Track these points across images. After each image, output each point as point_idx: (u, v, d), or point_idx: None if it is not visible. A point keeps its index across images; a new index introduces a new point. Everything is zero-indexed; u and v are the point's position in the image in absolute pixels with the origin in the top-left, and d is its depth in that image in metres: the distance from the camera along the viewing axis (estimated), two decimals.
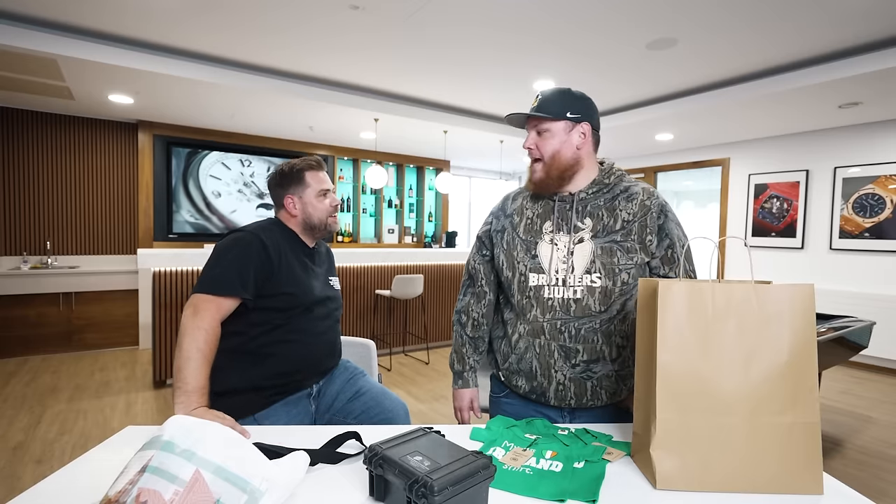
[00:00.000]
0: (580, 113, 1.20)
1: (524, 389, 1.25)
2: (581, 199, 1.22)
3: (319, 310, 1.49)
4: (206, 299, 1.29)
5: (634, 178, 1.28)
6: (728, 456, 0.86)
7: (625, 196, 1.21)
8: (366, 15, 2.90)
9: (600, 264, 1.16)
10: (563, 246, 1.19)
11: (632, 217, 1.19)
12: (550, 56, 3.48)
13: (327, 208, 1.55)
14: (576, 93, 1.22)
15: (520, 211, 1.29)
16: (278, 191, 1.55)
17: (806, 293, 0.88)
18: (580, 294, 1.16)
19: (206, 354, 1.21)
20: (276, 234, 1.47)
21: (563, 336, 1.17)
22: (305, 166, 1.55)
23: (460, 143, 5.99)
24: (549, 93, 1.22)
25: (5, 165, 4.54)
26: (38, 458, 2.49)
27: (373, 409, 1.50)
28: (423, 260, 5.01)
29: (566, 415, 1.23)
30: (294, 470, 0.80)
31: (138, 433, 1.05)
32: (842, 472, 2.53)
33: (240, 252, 1.37)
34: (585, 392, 1.19)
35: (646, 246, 1.17)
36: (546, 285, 1.18)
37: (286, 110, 4.59)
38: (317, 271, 1.56)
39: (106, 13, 2.95)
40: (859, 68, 3.26)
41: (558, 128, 1.20)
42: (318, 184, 1.54)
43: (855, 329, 2.70)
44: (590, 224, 1.20)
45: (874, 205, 4.49)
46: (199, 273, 3.74)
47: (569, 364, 1.17)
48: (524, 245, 1.24)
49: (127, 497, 0.64)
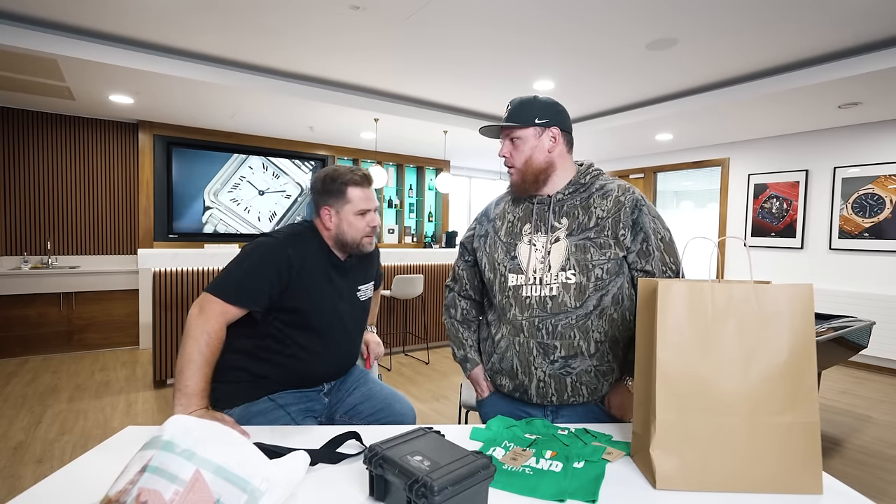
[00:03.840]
0: (548, 118, 1.25)
1: (508, 388, 1.29)
2: (558, 200, 1.26)
3: (329, 328, 1.44)
4: (215, 301, 1.26)
5: (611, 176, 1.30)
6: (727, 456, 0.86)
7: (600, 193, 1.25)
8: (366, 15, 2.90)
9: (574, 261, 1.19)
10: (541, 246, 1.23)
11: (605, 213, 1.21)
12: (550, 56, 3.48)
13: (363, 228, 1.45)
14: (543, 99, 1.27)
15: (502, 215, 1.35)
16: (318, 197, 1.46)
17: (805, 293, 0.88)
18: (555, 291, 1.19)
19: (208, 358, 1.21)
20: (305, 245, 1.41)
21: (540, 333, 1.20)
22: (350, 181, 1.44)
23: (460, 143, 5.99)
24: (518, 102, 1.27)
25: (5, 165, 4.54)
26: (39, 458, 2.49)
27: (382, 410, 1.51)
28: (423, 260, 5.01)
29: (549, 413, 1.25)
30: (294, 470, 0.80)
31: (138, 433, 1.05)
32: (841, 471, 2.53)
33: (260, 260, 1.33)
34: (565, 388, 1.21)
35: (619, 241, 1.19)
36: (524, 284, 1.22)
37: (286, 110, 4.59)
38: (341, 286, 1.48)
39: (106, 13, 2.95)
40: (859, 68, 3.26)
41: (528, 134, 1.24)
42: (360, 202, 1.44)
43: (854, 329, 2.70)
44: (566, 223, 1.24)
45: (874, 205, 4.49)
46: (198, 273, 3.75)
47: (547, 360, 1.20)
48: (504, 247, 1.29)
49: (127, 497, 0.65)
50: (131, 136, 5.10)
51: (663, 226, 1.25)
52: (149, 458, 0.69)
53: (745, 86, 3.87)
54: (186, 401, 1.14)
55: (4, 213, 4.55)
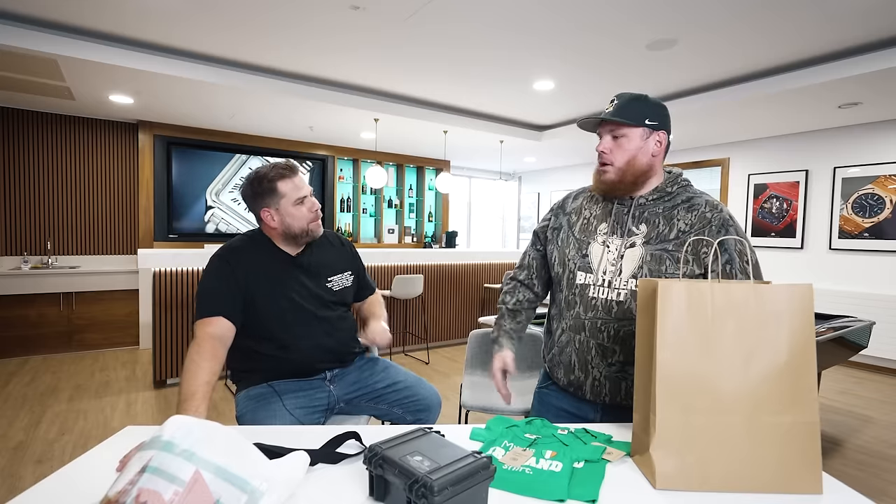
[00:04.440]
0: (658, 121, 1.20)
1: (563, 382, 1.29)
2: (639, 205, 1.22)
3: (294, 321, 1.50)
4: (196, 324, 1.36)
5: (701, 191, 1.25)
6: (727, 456, 0.86)
7: (685, 206, 1.20)
8: (366, 15, 2.90)
9: (648, 270, 1.16)
10: (615, 249, 1.21)
11: (688, 227, 1.17)
12: (551, 56, 3.48)
13: (306, 215, 1.49)
14: (654, 100, 1.22)
15: (578, 210, 1.32)
16: (253, 204, 1.49)
17: (805, 293, 0.88)
18: (623, 297, 1.17)
19: (211, 382, 1.26)
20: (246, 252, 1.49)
21: (602, 335, 1.20)
22: (276, 175, 1.46)
23: (460, 143, 5.99)
24: (628, 98, 1.21)
25: (5, 165, 4.54)
26: (39, 458, 2.49)
27: (409, 398, 1.61)
28: (423, 260, 5.01)
29: (599, 410, 1.25)
30: (294, 470, 0.80)
31: (138, 433, 1.05)
32: (841, 471, 2.53)
33: (208, 277, 1.44)
34: (620, 391, 1.21)
35: (699, 258, 1.15)
36: (592, 284, 1.21)
37: (286, 110, 4.59)
38: (301, 279, 1.54)
39: (106, 13, 2.95)
40: (859, 68, 3.26)
41: (636, 134, 1.19)
42: (292, 192, 1.47)
43: (854, 329, 2.70)
44: (644, 230, 1.20)
45: (874, 205, 4.49)
46: (199, 273, 3.75)
47: (605, 362, 1.20)
48: (577, 244, 1.27)
49: (127, 497, 0.64)
50: (131, 136, 5.10)
51: (750, 248, 1.17)
52: (148, 458, 0.69)
53: (745, 86, 3.87)
54: (187, 404, 1.18)
55: (4, 213, 4.55)
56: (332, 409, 1.57)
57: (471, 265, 5.35)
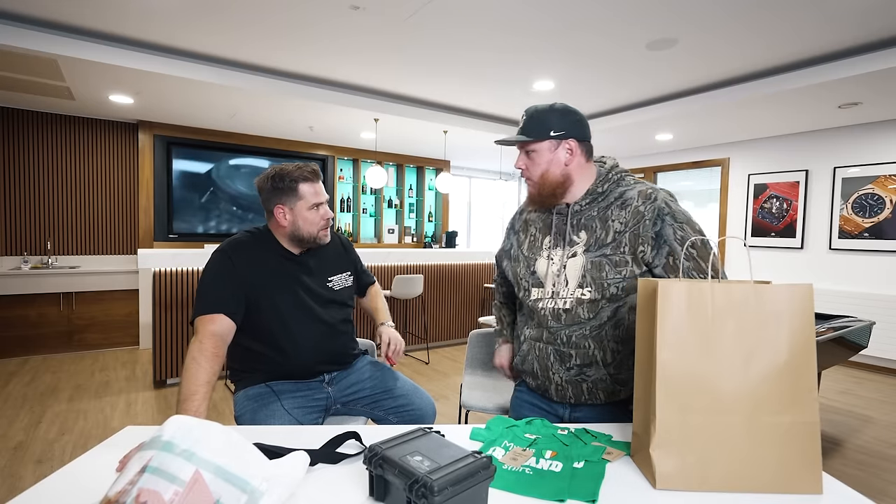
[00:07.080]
0: (564, 129, 1.20)
1: (532, 385, 1.33)
2: (575, 212, 1.24)
3: (294, 321, 1.50)
4: (197, 320, 1.36)
5: (636, 179, 1.26)
6: (727, 456, 0.86)
7: (618, 203, 1.21)
8: (366, 15, 2.90)
9: (590, 279, 1.18)
10: (558, 260, 1.24)
11: (623, 227, 1.18)
12: (550, 56, 3.48)
13: (318, 221, 1.50)
14: (559, 108, 1.21)
15: (524, 227, 1.37)
16: (269, 198, 1.49)
17: (805, 293, 0.88)
18: (569, 304, 1.20)
19: (212, 381, 1.26)
20: (249, 248, 1.48)
21: (557, 341, 1.23)
22: (300, 177, 1.47)
23: (460, 143, 5.99)
24: (532, 112, 1.22)
25: (5, 165, 4.54)
26: (39, 458, 2.49)
27: (404, 406, 1.60)
28: (423, 260, 5.01)
29: (567, 407, 1.28)
30: (294, 470, 0.80)
31: (138, 433, 1.05)
32: (841, 471, 2.53)
33: (211, 273, 1.43)
34: (582, 392, 1.23)
35: (637, 257, 1.16)
36: (542, 298, 1.24)
37: (286, 110, 4.59)
38: (302, 279, 1.54)
39: (107, 13, 2.95)
40: (859, 68, 3.25)
41: (543, 147, 1.21)
42: (312, 196, 1.48)
43: (854, 329, 2.70)
44: (584, 238, 1.22)
45: (874, 205, 4.49)
46: (198, 273, 3.75)
47: (564, 367, 1.23)
48: (526, 262, 1.31)
49: (127, 497, 0.64)
50: (131, 136, 5.10)
51: (693, 230, 1.15)
52: (148, 458, 0.69)
53: (745, 86, 3.87)
54: (187, 404, 1.18)
55: (4, 213, 4.55)
56: (330, 410, 1.58)
57: (471, 265, 5.35)
